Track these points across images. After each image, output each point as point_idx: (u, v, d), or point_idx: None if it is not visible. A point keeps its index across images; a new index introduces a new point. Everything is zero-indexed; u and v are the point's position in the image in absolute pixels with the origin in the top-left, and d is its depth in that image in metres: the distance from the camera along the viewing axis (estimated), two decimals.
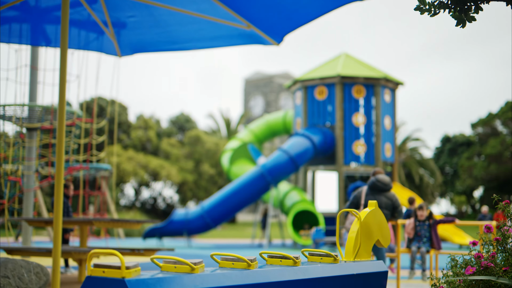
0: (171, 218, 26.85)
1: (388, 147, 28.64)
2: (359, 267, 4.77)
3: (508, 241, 5.04)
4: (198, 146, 58.43)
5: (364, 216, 5.02)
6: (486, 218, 28.63)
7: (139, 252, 10.87)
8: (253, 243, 29.64)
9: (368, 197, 8.92)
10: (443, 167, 64.90)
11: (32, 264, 6.94)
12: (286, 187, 29.33)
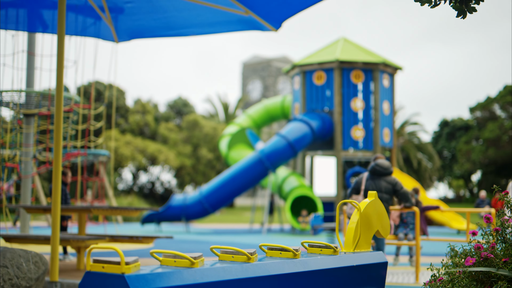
0: (169, 204, 26.85)
1: (387, 132, 28.61)
2: (358, 258, 4.76)
3: (507, 231, 5.02)
4: (196, 131, 58.38)
5: (364, 207, 4.99)
6: (484, 203, 28.66)
7: (138, 239, 10.87)
8: (251, 228, 29.66)
9: (368, 182, 9.02)
10: (441, 151, 64.96)
11: (30, 253, 6.92)
12: (285, 173, 29.32)
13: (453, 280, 4.74)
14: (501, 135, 50.91)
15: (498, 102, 54.54)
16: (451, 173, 64.71)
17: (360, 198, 8.98)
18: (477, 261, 4.79)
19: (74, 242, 9.92)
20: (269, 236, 23.80)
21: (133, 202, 40.49)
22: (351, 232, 4.94)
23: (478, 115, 57.97)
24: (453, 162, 63.73)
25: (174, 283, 3.28)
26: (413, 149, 56.60)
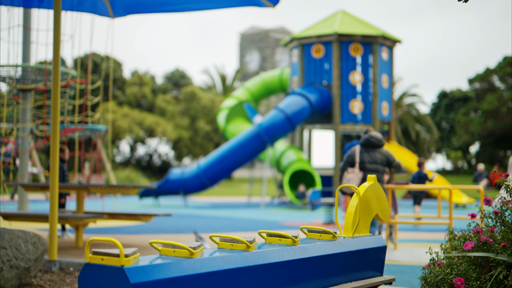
0: (167, 178, 26.87)
1: (385, 106, 28.55)
2: (357, 243, 4.75)
3: (506, 213, 5.01)
4: (193, 103, 58.27)
5: (363, 191, 4.98)
6: (482, 176, 28.72)
7: (136, 216, 10.87)
8: (249, 202, 29.73)
9: (363, 154, 9.04)
10: (439, 123, 64.97)
11: (29, 234, 6.91)
12: (283, 146, 29.32)
13: (452, 265, 4.73)
14: (499, 107, 50.87)
15: (497, 74, 54.41)
16: (449, 145, 64.77)
17: (356, 170, 8.98)
18: (476, 245, 4.79)
19: (72, 221, 9.92)
20: (267, 210, 23.87)
21: (131, 175, 40.57)
22: (350, 217, 4.92)
23: (477, 87, 57.87)
24: (452, 133, 63.77)
25: (173, 275, 3.27)
26: (412, 120, 56.59)
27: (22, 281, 6.63)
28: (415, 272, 7.77)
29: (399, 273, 7.68)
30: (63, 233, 12.14)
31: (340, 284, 4.57)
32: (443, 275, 4.67)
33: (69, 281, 7.44)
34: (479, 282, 4.43)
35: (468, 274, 4.51)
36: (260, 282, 3.83)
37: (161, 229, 14.03)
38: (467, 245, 4.72)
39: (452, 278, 4.53)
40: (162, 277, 3.20)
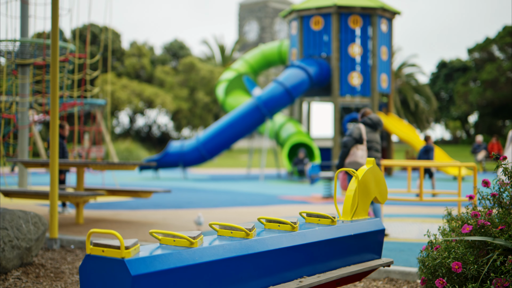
0: (167, 151, 26.91)
1: (384, 78, 28.49)
2: (356, 227, 4.78)
3: (504, 195, 5.03)
4: (192, 74, 58.12)
5: (362, 175, 5.00)
6: (481, 148, 28.80)
7: (136, 193, 10.92)
8: (249, 174, 29.80)
9: (370, 134, 9.15)
10: (438, 93, 64.88)
11: (30, 214, 6.95)
12: (282, 119, 29.31)
13: (450, 249, 4.77)
14: (499, 77, 50.76)
15: (496, 43, 54.19)
16: (448, 115, 64.76)
17: (364, 147, 9.04)
18: (474, 229, 4.83)
19: (72, 198, 9.97)
20: (266, 183, 23.95)
21: (130, 147, 40.59)
22: (349, 200, 4.95)
23: (476, 56, 57.68)
24: (450, 103, 63.73)
25: (174, 265, 3.30)
26: (410, 91, 56.52)
27: (23, 261, 6.70)
28: (413, 250, 7.83)
29: (397, 251, 7.74)
30: (64, 209, 12.19)
31: (339, 268, 4.61)
32: (440, 259, 4.71)
33: (70, 259, 7.51)
34: (476, 266, 4.47)
35: (465, 258, 4.55)
36: (260, 268, 3.87)
37: (160, 204, 14.09)
38: (465, 229, 4.76)
39: (450, 262, 4.58)
40: (163, 268, 3.23)
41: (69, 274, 6.52)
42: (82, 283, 3.25)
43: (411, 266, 6.60)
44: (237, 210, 13.11)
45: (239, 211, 13.01)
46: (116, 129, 60.05)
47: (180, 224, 10.43)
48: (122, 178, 25.42)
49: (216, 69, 58.67)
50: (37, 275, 6.41)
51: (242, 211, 13.01)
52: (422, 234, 9.41)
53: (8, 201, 13.75)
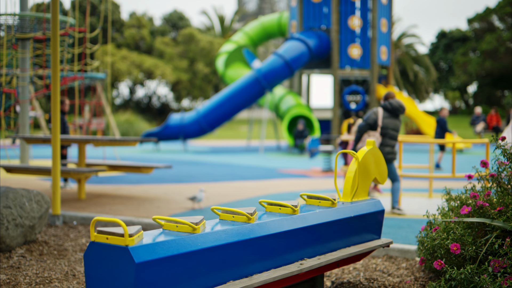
0: (167, 123, 26.93)
1: (384, 50, 28.41)
2: (356, 208, 4.84)
3: (502, 175, 5.08)
4: (192, 45, 57.87)
5: (362, 156, 5.05)
6: (479, 119, 28.80)
7: (137, 168, 10.98)
8: (249, 146, 29.84)
9: (387, 120, 8.96)
10: (437, 63, 64.67)
11: (32, 192, 7.01)
12: (281, 91, 29.28)
13: (448, 230, 4.84)
14: (498, 47, 50.55)
15: (497, 13, 53.89)
16: (447, 85, 64.61)
17: (377, 134, 8.95)
18: (472, 210, 4.89)
19: (74, 174, 10.03)
20: (266, 156, 24.01)
21: (131, 119, 40.59)
22: (349, 182, 5.01)
23: (476, 26, 57.39)
24: (450, 74, 63.56)
25: (177, 251, 3.36)
26: (410, 61, 56.32)
27: (27, 239, 6.77)
28: (412, 226, 7.90)
29: (396, 227, 7.81)
30: (65, 184, 12.26)
31: (339, 249, 4.68)
32: (439, 240, 4.78)
33: (73, 236, 7.59)
34: (474, 247, 4.54)
35: (464, 239, 4.62)
36: (262, 252, 3.93)
37: (161, 178, 14.16)
38: (464, 210, 4.82)
39: (449, 244, 4.64)
40: (166, 254, 3.29)
41: (72, 252, 6.60)
42: (87, 269, 3.31)
43: (410, 244, 6.67)
44: (237, 185, 13.18)
45: (239, 185, 13.08)
46: (116, 100, 59.97)
47: (181, 199, 10.50)
48: (123, 151, 25.49)
49: (216, 40, 58.41)
50: (40, 253, 6.49)
51: (242, 185, 13.08)
52: (422, 210, 9.48)
53: (10, 175, 13.82)
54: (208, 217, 8.60)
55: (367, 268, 5.99)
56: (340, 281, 5.41)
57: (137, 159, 20.15)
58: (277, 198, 10.88)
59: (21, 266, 5.87)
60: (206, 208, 9.56)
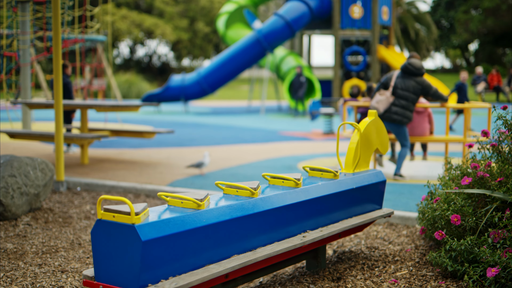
0: (168, 84, 26.88)
1: (385, 10, 28.19)
2: (358, 180, 4.90)
3: (503, 144, 5.12)
4: (192, 4, 57.43)
5: (364, 127, 5.09)
6: (480, 79, 28.76)
7: (140, 133, 11.03)
8: (250, 107, 29.84)
9: (399, 80, 8.92)
10: (439, 21, 64.18)
11: (36, 160, 7.07)
12: (282, 52, 29.15)
13: (449, 201, 4.90)
14: (500, 4, 50.13)
15: None
16: (448, 43, 64.25)
17: (388, 93, 8.92)
18: (473, 181, 4.94)
19: (77, 140, 10.09)
20: (267, 117, 24.03)
21: (131, 79, 40.51)
22: (351, 153, 5.05)
23: None
24: (451, 32, 63.15)
25: (182, 228, 3.42)
26: (411, 19, 55.89)
27: (32, 206, 6.85)
28: (413, 193, 7.97)
29: (397, 193, 7.88)
30: (68, 148, 12.31)
31: (341, 220, 4.75)
32: (440, 211, 4.84)
33: (77, 202, 7.67)
34: (474, 218, 4.61)
35: (464, 210, 4.68)
36: (265, 225, 4.00)
37: (163, 142, 14.21)
38: (464, 181, 4.87)
39: (449, 215, 4.71)
40: (171, 232, 3.35)
41: (77, 219, 6.68)
42: (94, 246, 3.38)
43: (411, 211, 6.74)
44: (239, 148, 13.24)
45: (241, 149, 13.14)
46: (117, 59, 59.75)
47: (184, 164, 10.56)
48: (124, 114, 25.51)
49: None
50: (46, 220, 6.57)
51: (244, 149, 13.14)
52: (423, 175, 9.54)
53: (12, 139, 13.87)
54: (211, 182, 8.68)
55: (368, 235, 6.07)
56: (342, 250, 5.50)
57: (138, 121, 20.20)
58: (278, 162, 10.95)
59: (27, 235, 5.96)
60: (208, 173, 9.63)
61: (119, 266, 3.29)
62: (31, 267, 4.96)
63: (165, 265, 3.35)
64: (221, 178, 9.16)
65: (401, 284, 4.50)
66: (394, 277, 4.69)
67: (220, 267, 3.57)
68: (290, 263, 4.52)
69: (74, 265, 5.05)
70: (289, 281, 4.59)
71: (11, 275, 4.73)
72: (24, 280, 4.64)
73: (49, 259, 5.21)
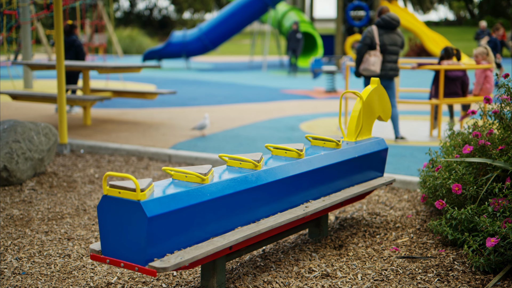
0: (169, 41, 26.76)
1: None
2: (360, 149, 4.93)
3: (505, 110, 5.13)
4: None
5: (367, 96, 5.10)
6: (484, 34, 28.53)
7: (142, 94, 11.04)
8: (251, 63, 29.72)
9: (383, 36, 8.83)
10: None
11: (40, 125, 7.10)
12: (284, 8, 28.92)
13: (451, 170, 4.94)
14: None
15: None
16: None
17: (377, 53, 8.82)
18: (474, 149, 4.97)
19: (80, 102, 10.11)
20: (269, 74, 23.96)
21: (132, 34, 40.30)
22: (354, 121, 5.07)
23: None
24: None
25: (187, 203, 3.47)
26: None
27: (36, 171, 6.91)
28: (414, 155, 8.00)
29: (399, 156, 7.91)
30: (71, 109, 12.32)
31: (343, 189, 4.80)
32: (441, 180, 4.89)
33: (81, 166, 7.73)
34: (475, 186, 4.65)
35: (465, 178, 4.72)
36: (269, 197, 4.04)
37: (165, 101, 14.21)
38: (466, 149, 4.90)
39: (450, 184, 4.75)
40: (176, 207, 3.40)
41: (81, 184, 6.74)
42: (100, 220, 3.43)
43: (412, 175, 6.79)
44: (241, 107, 13.25)
45: (243, 108, 13.15)
46: (117, 13, 59.34)
47: (186, 125, 10.59)
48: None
49: None
50: (50, 185, 6.63)
51: (246, 108, 13.15)
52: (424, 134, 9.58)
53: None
54: (213, 144, 8.71)
55: (370, 200, 6.13)
56: (344, 216, 5.56)
57: (140, 79, 20.17)
58: (281, 122, 10.97)
59: (32, 201, 6.02)
60: (210, 135, 9.66)
61: (126, 240, 3.35)
62: (38, 235, 5.03)
63: (170, 239, 3.40)
64: (223, 140, 9.20)
65: (401, 252, 4.57)
66: (395, 244, 4.76)
67: (224, 240, 3.63)
68: (292, 232, 4.59)
69: (80, 232, 5.12)
70: (292, 249, 4.66)
71: (18, 243, 4.81)
72: (31, 248, 4.71)
73: (55, 226, 5.28)
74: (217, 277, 3.81)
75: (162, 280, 4.08)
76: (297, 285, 3.97)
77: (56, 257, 4.54)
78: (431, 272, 4.13)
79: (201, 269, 3.88)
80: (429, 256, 4.46)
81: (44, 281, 4.08)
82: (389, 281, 4.01)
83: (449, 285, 3.91)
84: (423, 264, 4.29)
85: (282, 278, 4.08)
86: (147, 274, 3.30)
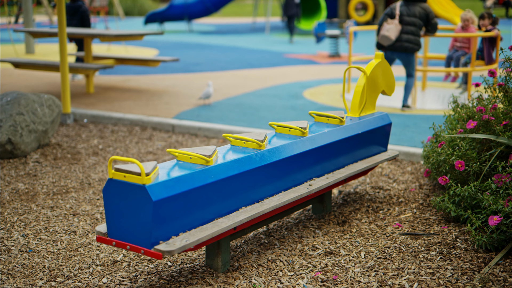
0: (171, 3, 26.55)
1: None
2: (364, 124, 4.93)
3: (509, 84, 5.12)
4: None
5: (370, 71, 5.08)
6: None
7: (145, 61, 11.01)
8: (254, 25, 29.53)
9: (403, 7, 8.98)
10: None
11: (43, 97, 7.10)
12: None
13: (454, 146, 4.95)
14: None
15: None
16: None
17: (396, 21, 8.92)
18: (478, 124, 4.97)
19: (82, 70, 10.09)
20: (272, 37, 23.81)
21: None
22: (357, 96, 5.06)
23: None
24: None
25: (192, 186, 3.49)
26: None
27: (41, 143, 6.93)
28: (418, 125, 7.99)
29: (402, 126, 7.90)
30: (74, 76, 12.29)
31: (347, 165, 4.82)
32: (444, 156, 4.90)
33: (84, 136, 7.75)
34: (478, 162, 4.67)
35: (468, 154, 4.73)
36: (273, 176, 4.06)
37: (168, 68, 14.15)
38: (470, 124, 4.90)
39: (454, 160, 4.76)
40: (181, 190, 3.42)
41: (85, 156, 6.76)
42: (106, 203, 3.46)
43: (416, 147, 6.79)
44: (244, 74, 13.20)
45: (246, 74, 13.10)
46: None
47: (189, 93, 10.58)
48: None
49: None
50: (54, 157, 6.65)
51: (249, 74, 13.11)
52: (428, 105, 9.56)
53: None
54: (216, 113, 8.70)
55: (373, 173, 6.15)
56: (347, 191, 5.58)
57: (142, 43, 20.07)
58: (284, 90, 10.95)
59: (37, 174, 6.04)
60: (214, 103, 9.65)
61: (131, 223, 3.38)
62: (44, 210, 5.06)
63: (175, 222, 3.43)
64: (226, 109, 9.19)
65: (404, 228, 4.60)
66: (398, 220, 4.79)
67: (228, 221, 3.66)
68: (296, 209, 4.61)
69: (85, 207, 5.15)
70: (295, 226, 4.70)
71: (24, 219, 4.85)
72: (37, 224, 4.75)
73: (60, 200, 5.32)
74: (221, 256, 3.85)
75: (167, 257, 4.12)
76: (300, 263, 4.01)
77: (62, 233, 4.58)
78: (434, 250, 4.16)
79: (205, 249, 3.91)
80: (432, 233, 4.49)
81: (51, 259, 4.13)
82: (392, 259, 4.05)
83: (451, 264, 3.94)
84: (426, 241, 4.32)
85: (286, 256, 4.12)
86: (153, 257, 3.34)
